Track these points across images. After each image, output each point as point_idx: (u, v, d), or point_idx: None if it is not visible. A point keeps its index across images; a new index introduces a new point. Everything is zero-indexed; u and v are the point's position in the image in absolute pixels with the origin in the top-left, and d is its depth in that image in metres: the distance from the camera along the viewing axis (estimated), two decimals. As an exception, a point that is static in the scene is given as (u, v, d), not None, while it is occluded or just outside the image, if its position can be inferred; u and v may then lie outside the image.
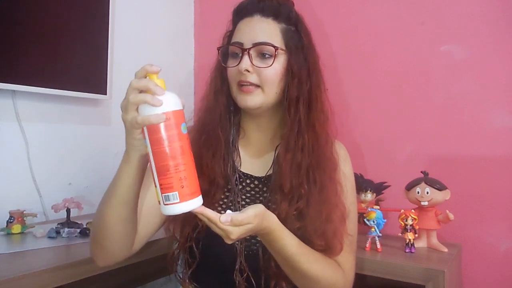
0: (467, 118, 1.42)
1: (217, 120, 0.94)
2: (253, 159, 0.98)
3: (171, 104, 0.66)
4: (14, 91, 1.33)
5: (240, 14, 0.93)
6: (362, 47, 1.62)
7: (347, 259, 0.92)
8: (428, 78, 1.49)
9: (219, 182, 0.92)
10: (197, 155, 0.90)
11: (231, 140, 0.96)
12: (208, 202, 0.89)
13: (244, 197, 0.94)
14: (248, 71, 0.87)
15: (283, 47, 0.90)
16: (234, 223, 0.70)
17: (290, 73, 0.90)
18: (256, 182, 0.95)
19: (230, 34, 0.96)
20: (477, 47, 1.41)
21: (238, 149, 0.98)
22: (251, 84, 0.88)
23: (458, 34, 1.45)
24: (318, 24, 1.69)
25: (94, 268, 0.98)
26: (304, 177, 0.88)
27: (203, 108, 0.97)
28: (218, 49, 0.94)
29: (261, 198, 0.94)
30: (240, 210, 0.88)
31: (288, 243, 0.80)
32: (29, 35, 1.30)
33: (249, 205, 0.91)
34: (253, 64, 0.87)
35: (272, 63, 0.88)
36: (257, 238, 0.88)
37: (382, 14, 1.59)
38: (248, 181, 0.96)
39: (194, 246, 0.90)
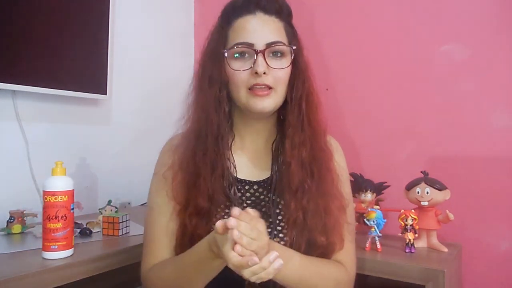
0: (467, 118, 1.42)
1: (216, 132, 0.88)
2: (249, 164, 0.94)
3: None
4: (14, 91, 1.32)
5: (237, 11, 0.87)
6: (362, 47, 1.62)
7: (348, 252, 0.92)
8: (428, 78, 1.49)
9: (220, 198, 0.87)
10: (195, 173, 0.87)
11: (226, 150, 0.91)
12: (209, 220, 0.85)
13: (245, 205, 0.89)
14: (265, 74, 0.83)
15: (289, 45, 0.89)
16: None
17: (296, 71, 0.89)
18: (255, 187, 0.92)
19: (224, 32, 0.88)
20: (477, 47, 1.41)
21: (233, 156, 0.93)
22: (266, 86, 0.84)
23: (458, 34, 1.45)
24: (318, 24, 1.69)
25: (94, 268, 0.99)
26: (306, 173, 0.88)
27: (196, 119, 0.90)
28: (224, 51, 0.86)
29: (263, 203, 0.90)
30: None
31: (289, 272, 0.78)
32: (29, 35, 1.30)
33: None
34: (269, 66, 0.84)
35: (290, 63, 0.86)
36: None
37: (382, 14, 1.59)
38: (247, 187, 0.92)
39: None
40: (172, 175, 0.89)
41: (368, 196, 1.38)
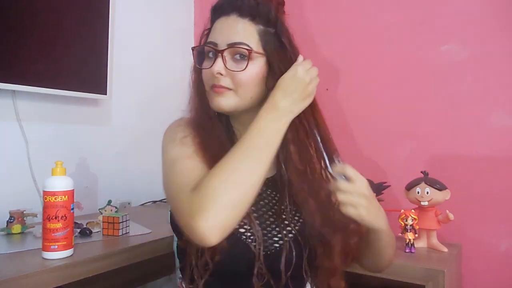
0: (467, 118, 1.42)
1: (210, 125, 0.87)
2: None
3: None
4: (14, 91, 1.33)
5: (217, 12, 0.88)
6: (363, 47, 1.62)
7: None
8: (428, 78, 1.49)
9: None
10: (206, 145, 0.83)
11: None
12: None
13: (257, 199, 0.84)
14: (221, 74, 0.82)
15: (261, 50, 0.85)
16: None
17: (271, 77, 0.85)
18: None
19: (208, 33, 0.90)
20: (477, 47, 1.41)
21: None
22: (223, 87, 0.83)
23: (458, 34, 1.45)
24: (319, 24, 1.69)
25: (94, 268, 0.99)
26: (306, 177, 0.86)
27: (193, 119, 0.89)
28: (193, 49, 0.89)
29: (266, 200, 0.87)
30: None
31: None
32: (29, 35, 1.30)
33: (255, 213, 0.84)
34: (226, 67, 0.83)
35: (246, 67, 0.83)
36: (278, 236, 0.83)
37: (382, 14, 1.59)
38: None
39: (205, 253, 0.79)
40: (191, 142, 0.84)
41: (368, 196, 1.38)
